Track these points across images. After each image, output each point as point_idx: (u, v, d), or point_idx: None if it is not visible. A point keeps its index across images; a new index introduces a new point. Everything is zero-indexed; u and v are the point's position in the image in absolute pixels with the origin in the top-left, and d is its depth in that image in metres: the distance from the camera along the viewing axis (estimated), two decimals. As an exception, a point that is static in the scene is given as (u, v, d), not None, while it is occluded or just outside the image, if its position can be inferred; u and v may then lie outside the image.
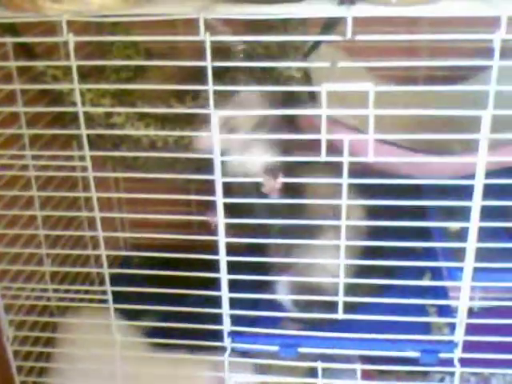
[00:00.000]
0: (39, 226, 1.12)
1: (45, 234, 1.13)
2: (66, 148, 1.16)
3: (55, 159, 1.03)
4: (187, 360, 1.09)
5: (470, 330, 0.99)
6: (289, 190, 0.96)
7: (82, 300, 1.11)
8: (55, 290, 1.14)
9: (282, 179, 0.95)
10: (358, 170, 0.89)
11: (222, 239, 0.97)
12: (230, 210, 0.96)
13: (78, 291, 1.14)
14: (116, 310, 1.07)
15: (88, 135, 0.95)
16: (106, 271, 1.04)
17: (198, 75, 0.87)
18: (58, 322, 1.17)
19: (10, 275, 1.10)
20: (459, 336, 0.99)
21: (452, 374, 1.01)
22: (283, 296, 1.03)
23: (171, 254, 0.99)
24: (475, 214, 0.90)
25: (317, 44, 0.99)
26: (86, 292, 1.12)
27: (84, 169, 0.98)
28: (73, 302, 1.13)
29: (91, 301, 1.10)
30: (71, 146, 1.19)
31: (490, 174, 0.88)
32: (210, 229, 0.98)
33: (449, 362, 1.01)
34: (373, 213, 0.93)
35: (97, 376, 1.12)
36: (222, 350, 1.06)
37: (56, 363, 1.16)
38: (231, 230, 0.97)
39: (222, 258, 0.99)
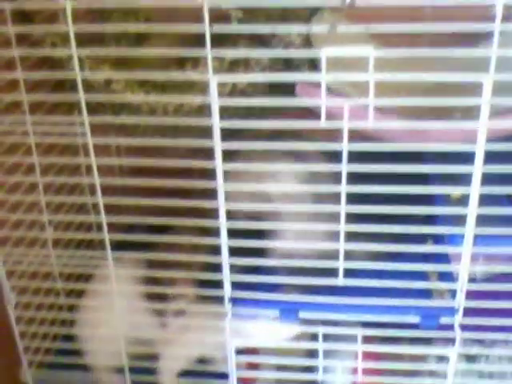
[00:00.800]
0: (40, 193, 1.11)
1: (46, 201, 1.13)
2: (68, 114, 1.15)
3: (56, 126, 1.03)
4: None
5: (472, 298, 0.99)
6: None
7: (84, 266, 1.12)
8: (58, 256, 1.15)
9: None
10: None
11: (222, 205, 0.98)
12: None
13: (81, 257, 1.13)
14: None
15: (88, 104, 0.95)
16: (107, 236, 1.04)
17: (198, 44, 0.86)
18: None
19: (12, 241, 1.11)
20: (460, 301, 1.00)
21: (454, 341, 1.02)
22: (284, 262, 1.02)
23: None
24: (476, 179, 0.90)
25: (316, 10, 0.98)
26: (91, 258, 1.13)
27: (84, 136, 0.98)
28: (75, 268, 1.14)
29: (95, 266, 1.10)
30: (72, 115, 1.18)
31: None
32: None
33: (450, 328, 1.02)
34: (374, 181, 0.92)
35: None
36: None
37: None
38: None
39: (223, 224, 0.99)
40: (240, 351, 1.10)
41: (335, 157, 0.90)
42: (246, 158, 0.94)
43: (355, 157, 0.89)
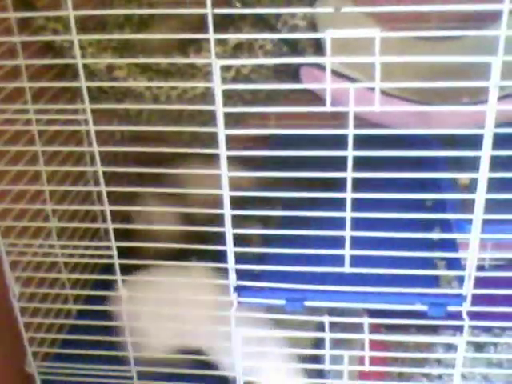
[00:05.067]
0: (44, 182, 1.11)
1: (50, 191, 1.12)
2: (70, 104, 1.14)
3: (59, 114, 1.02)
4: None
5: (480, 285, 0.98)
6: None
7: (91, 256, 1.11)
8: (63, 247, 1.14)
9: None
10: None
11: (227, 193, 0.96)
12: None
13: (86, 247, 1.12)
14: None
15: (91, 91, 0.93)
16: (111, 226, 1.03)
17: (201, 31, 0.85)
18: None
19: (16, 232, 1.10)
20: (468, 289, 0.98)
21: (462, 329, 1.01)
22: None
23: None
24: (485, 164, 0.88)
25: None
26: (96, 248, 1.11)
27: (87, 124, 0.97)
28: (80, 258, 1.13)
29: (100, 256, 1.09)
30: (75, 103, 1.18)
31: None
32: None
33: (458, 316, 1.00)
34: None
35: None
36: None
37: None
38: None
39: (227, 212, 0.98)
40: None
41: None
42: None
43: (360, 144, 0.88)
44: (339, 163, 0.90)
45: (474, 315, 0.99)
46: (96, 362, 1.17)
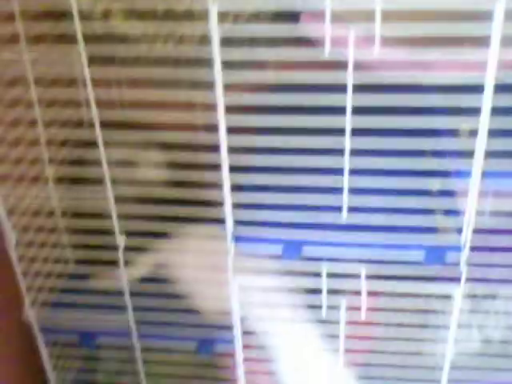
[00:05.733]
0: (40, 128, 1.09)
1: (46, 137, 1.11)
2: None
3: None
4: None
5: (478, 235, 0.98)
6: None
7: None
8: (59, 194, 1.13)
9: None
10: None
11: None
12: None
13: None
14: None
15: (87, 39, 0.92)
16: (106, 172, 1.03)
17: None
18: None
19: (13, 179, 1.09)
20: (466, 238, 0.98)
21: (460, 279, 1.01)
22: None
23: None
24: (485, 112, 0.87)
25: None
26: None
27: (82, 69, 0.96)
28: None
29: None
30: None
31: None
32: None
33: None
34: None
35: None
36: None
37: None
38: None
39: (224, 158, 0.97)
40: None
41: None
42: None
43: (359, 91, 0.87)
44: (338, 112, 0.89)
45: (471, 264, 0.99)
46: (94, 309, 1.18)
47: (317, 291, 1.07)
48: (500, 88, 0.85)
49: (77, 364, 1.32)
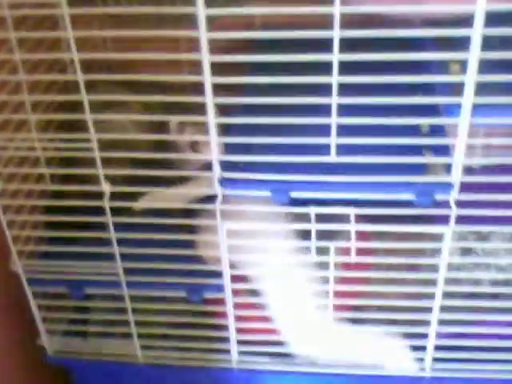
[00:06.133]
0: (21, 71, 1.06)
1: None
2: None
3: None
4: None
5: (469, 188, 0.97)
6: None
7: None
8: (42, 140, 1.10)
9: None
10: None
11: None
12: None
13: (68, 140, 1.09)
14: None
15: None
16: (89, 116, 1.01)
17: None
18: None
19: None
20: (456, 177, 0.97)
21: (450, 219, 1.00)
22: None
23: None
24: (476, 44, 0.85)
25: None
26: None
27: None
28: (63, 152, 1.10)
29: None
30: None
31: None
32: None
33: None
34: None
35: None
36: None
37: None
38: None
39: (209, 99, 0.95)
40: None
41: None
42: None
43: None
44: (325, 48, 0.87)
45: (461, 203, 0.99)
46: (82, 258, 1.16)
47: (306, 235, 1.06)
48: (490, 20, 0.83)
49: (67, 315, 1.31)
